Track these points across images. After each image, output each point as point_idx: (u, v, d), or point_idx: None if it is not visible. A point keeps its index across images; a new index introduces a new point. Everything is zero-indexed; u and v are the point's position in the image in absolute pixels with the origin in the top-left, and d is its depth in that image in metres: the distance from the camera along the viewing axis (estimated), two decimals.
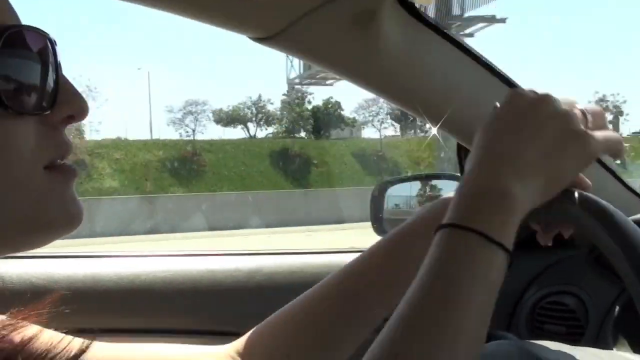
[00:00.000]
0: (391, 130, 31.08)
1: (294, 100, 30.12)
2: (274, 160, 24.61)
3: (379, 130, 29.62)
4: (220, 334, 1.07)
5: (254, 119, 30.25)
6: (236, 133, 31.45)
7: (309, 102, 30.41)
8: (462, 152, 1.13)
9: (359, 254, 1.18)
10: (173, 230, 15.64)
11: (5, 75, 0.44)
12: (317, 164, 25.03)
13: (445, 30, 0.80)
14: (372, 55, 0.77)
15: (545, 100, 0.55)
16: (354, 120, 30.83)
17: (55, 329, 0.59)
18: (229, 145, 24.94)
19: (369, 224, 1.18)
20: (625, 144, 0.59)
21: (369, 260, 0.70)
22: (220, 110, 29.98)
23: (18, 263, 1.09)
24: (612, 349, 0.89)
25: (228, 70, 56.71)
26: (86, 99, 0.50)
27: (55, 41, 0.48)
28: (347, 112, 30.78)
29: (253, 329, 0.70)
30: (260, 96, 30.97)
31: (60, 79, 0.48)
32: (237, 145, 25.25)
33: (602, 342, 0.94)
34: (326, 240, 12.42)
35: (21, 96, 0.45)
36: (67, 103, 0.48)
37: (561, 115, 0.54)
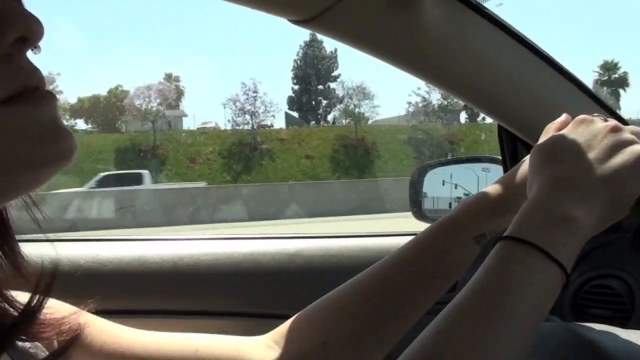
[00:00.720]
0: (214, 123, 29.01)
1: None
2: None
3: (152, 123, 27.39)
4: (261, 316, 1.09)
5: None
6: None
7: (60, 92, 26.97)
8: (502, 133, 1.12)
9: (394, 237, 1.19)
10: None
11: None
12: None
13: (488, 11, 0.78)
14: (412, 37, 0.76)
15: (612, 129, 0.56)
16: (138, 109, 27.82)
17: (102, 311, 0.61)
18: None
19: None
20: None
21: (408, 254, 0.69)
22: None
23: (67, 246, 1.13)
24: None
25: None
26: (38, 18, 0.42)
27: None
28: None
29: (290, 319, 0.70)
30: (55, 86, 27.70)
31: None
32: None
33: None
34: None
35: None
36: (10, 24, 0.41)
37: (627, 143, 0.55)
